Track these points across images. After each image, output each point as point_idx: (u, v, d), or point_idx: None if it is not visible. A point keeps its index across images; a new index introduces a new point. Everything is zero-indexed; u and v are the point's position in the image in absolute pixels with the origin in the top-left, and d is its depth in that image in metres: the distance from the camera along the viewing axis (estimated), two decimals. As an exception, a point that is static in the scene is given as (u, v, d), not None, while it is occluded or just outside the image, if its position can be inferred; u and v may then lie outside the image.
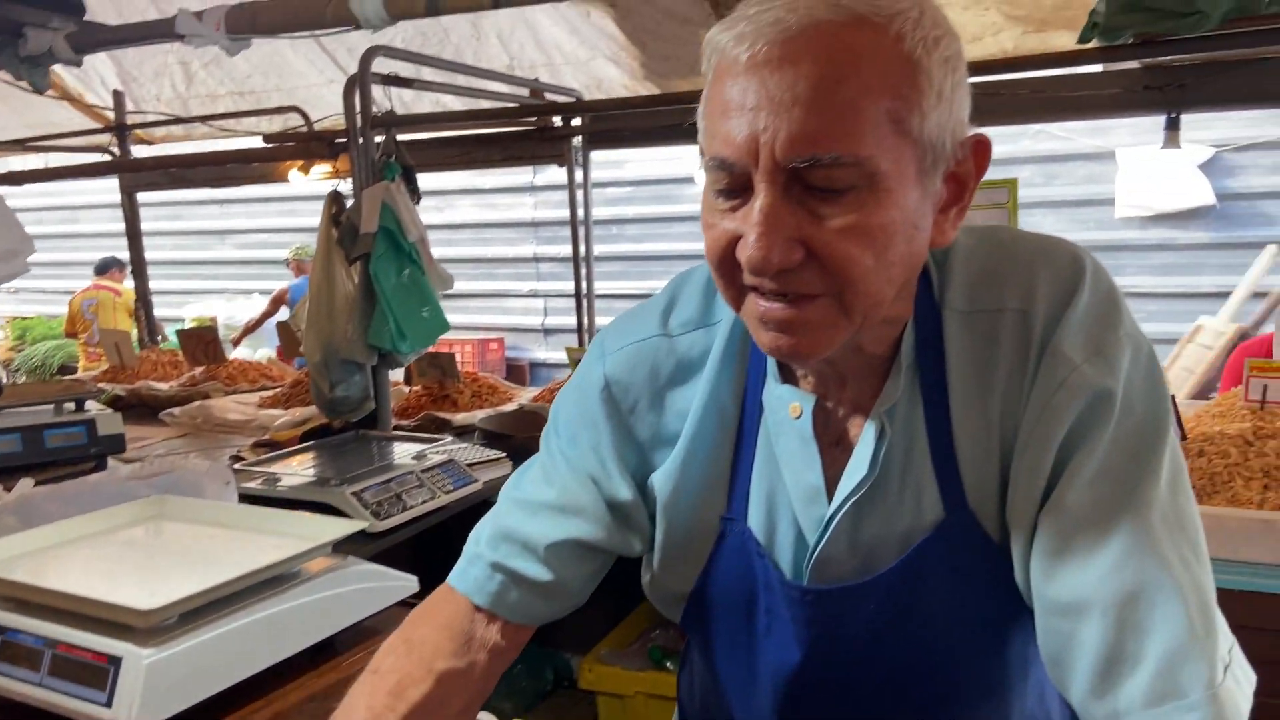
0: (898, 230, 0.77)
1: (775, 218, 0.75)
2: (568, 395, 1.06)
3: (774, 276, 0.77)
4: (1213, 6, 1.89)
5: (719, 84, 0.78)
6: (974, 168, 0.83)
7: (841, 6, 0.74)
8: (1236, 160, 5.88)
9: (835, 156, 0.73)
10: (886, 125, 0.74)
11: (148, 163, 4.31)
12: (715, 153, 0.78)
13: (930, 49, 0.76)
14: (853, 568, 0.92)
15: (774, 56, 0.73)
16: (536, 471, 1.06)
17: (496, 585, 1.00)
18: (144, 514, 1.56)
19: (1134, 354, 0.85)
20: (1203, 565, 0.82)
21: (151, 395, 3.80)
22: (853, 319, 0.80)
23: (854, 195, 0.75)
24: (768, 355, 0.91)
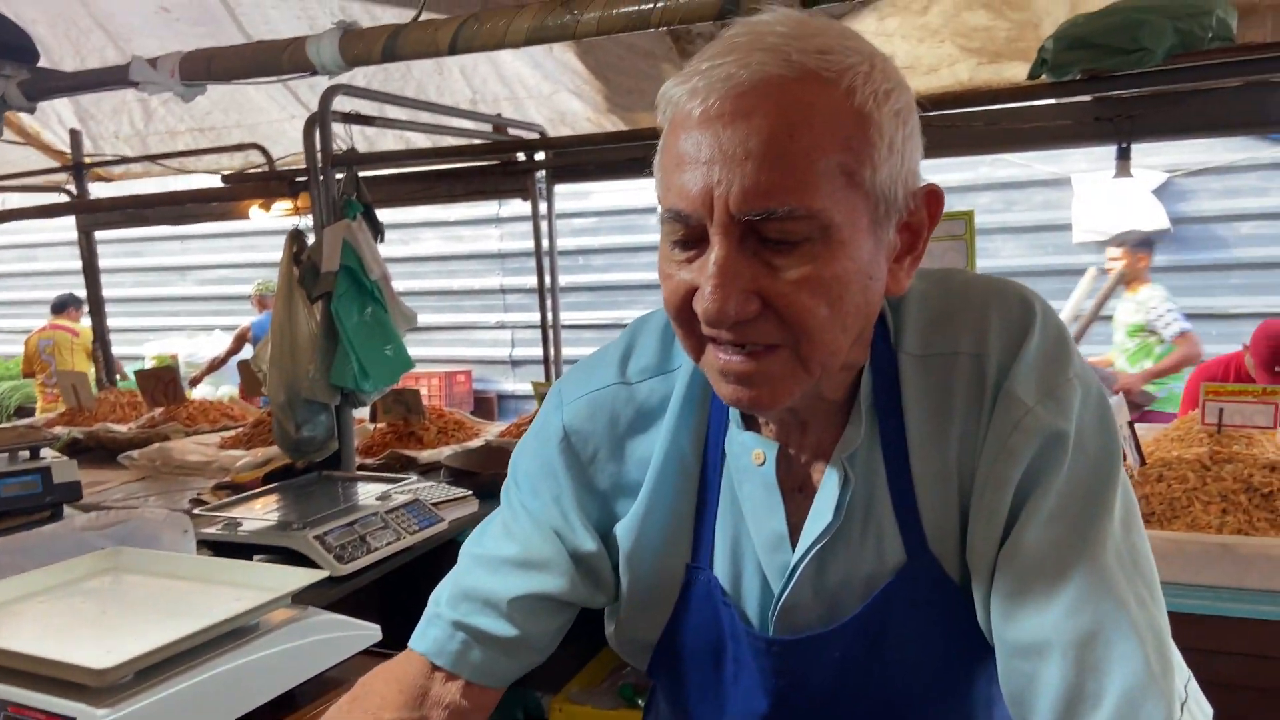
0: (852, 281, 0.78)
1: (730, 270, 0.76)
2: (527, 446, 1.05)
3: (730, 327, 0.78)
4: (1157, 43, 1.94)
5: (673, 136, 0.79)
6: (927, 217, 0.84)
7: (793, 62, 0.75)
8: (1188, 185, 6.01)
9: (789, 209, 0.74)
10: (839, 178, 0.75)
11: (104, 203, 4.26)
12: (670, 205, 0.79)
13: (881, 102, 0.77)
14: (818, 615, 0.92)
15: (726, 111, 0.74)
16: (498, 527, 1.04)
17: (457, 645, 0.98)
18: (99, 567, 1.52)
19: (1084, 394, 0.86)
20: (1157, 603, 0.84)
21: (110, 437, 3.73)
22: (811, 370, 0.81)
23: (808, 247, 0.76)
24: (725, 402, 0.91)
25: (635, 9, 1.69)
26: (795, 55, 0.75)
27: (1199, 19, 1.96)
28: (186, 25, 4.13)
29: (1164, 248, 6.09)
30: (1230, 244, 5.99)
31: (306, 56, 2.09)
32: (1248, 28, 2.12)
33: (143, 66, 2.18)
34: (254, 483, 2.79)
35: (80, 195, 4.60)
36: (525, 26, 1.76)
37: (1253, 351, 3.65)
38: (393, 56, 2.05)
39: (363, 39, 2.09)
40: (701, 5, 1.63)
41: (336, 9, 3.75)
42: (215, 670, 1.22)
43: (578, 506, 0.99)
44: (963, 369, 0.87)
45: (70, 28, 4.34)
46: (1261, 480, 2.03)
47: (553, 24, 1.75)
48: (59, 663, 1.15)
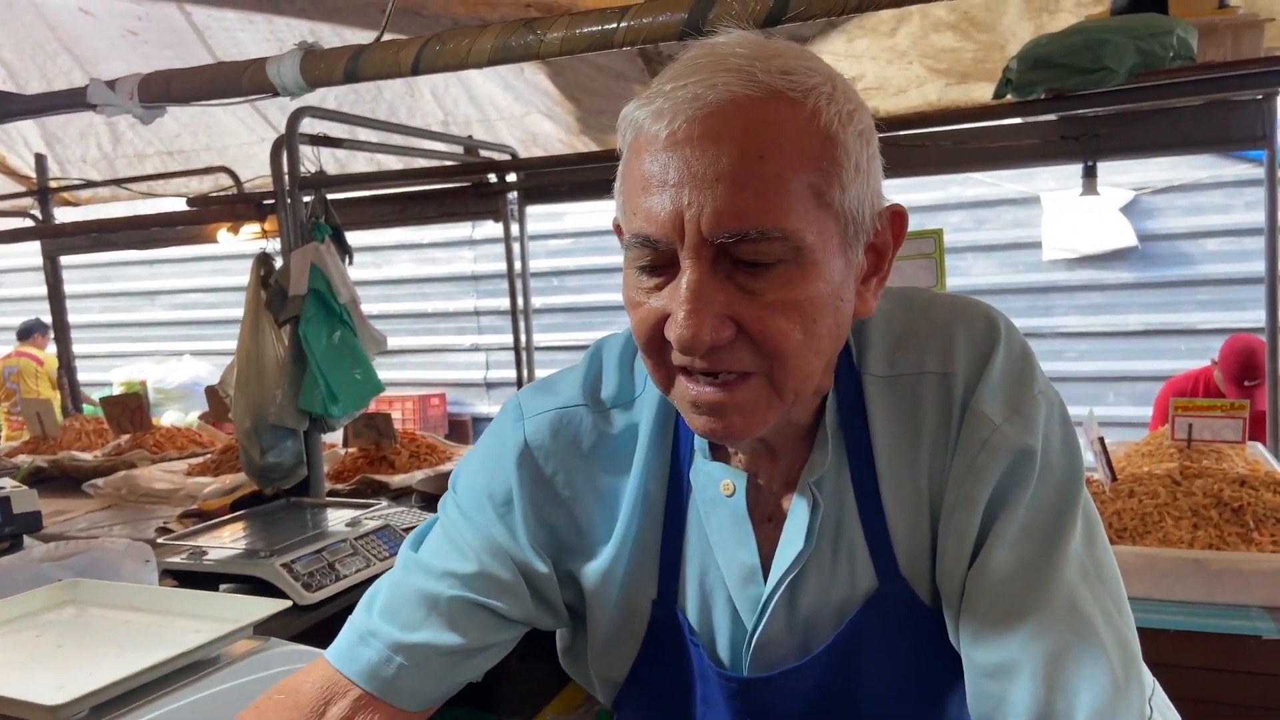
0: (825, 303, 0.77)
1: (703, 294, 0.74)
2: (476, 459, 1.00)
3: (704, 355, 0.76)
4: (1119, 62, 1.97)
5: (637, 160, 0.77)
6: (891, 238, 0.84)
7: (758, 82, 0.73)
8: (1155, 203, 6.09)
9: (763, 230, 0.72)
10: (810, 198, 0.74)
11: (69, 228, 4.21)
12: (637, 230, 0.76)
13: (845, 123, 0.76)
14: (792, 647, 0.90)
15: (694, 133, 0.73)
16: (439, 540, 0.98)
17: (393, 670, 0.91)
18: (56, 600, 1.49)
19: (1048, 410, 0.86)
20: (1124, 616, 0.83)
21: (75, 466, 3.66)
22: (784, 397, 0.79)
23: (782, 269, 0.75)
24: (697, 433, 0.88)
25: (599, 29, 1.68)
26: (761, 75, 0.74)
27: (1160, 39, 1.99)
28: (154, 48, 4.10)
29: (1132, 265, 6.17)
30: (1196, 260, 6.07)
31: (267, 77, 2.07)
32: (1208, 47, 2.16)
33: (101, 89, 2.16)
34: (221, 510, 2.74)
35: (45, 220, 4.55)
36: (488, 47, 1.75)
37: (1221, 367, 3.69)
38: (355, 77, 2.03)
39: (324, 60, 2.07)
40: (665, 25, 1.63)
41: (306, 31, 3.74)
42: (173, 705, 1.19)
43: (526, 524, 0.95)
44: (930, 388, 0.87)
45: (37, 51, 4.30)
46: (1231, 495, 2.04)
47: (516, 44, 1.74)
48: (10, 699, 1.11)
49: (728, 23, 1.52)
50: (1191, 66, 2.06)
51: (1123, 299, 6.22)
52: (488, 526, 0.95)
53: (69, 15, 4.03)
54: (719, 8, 1.55)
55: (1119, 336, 6.21)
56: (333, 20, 3.63)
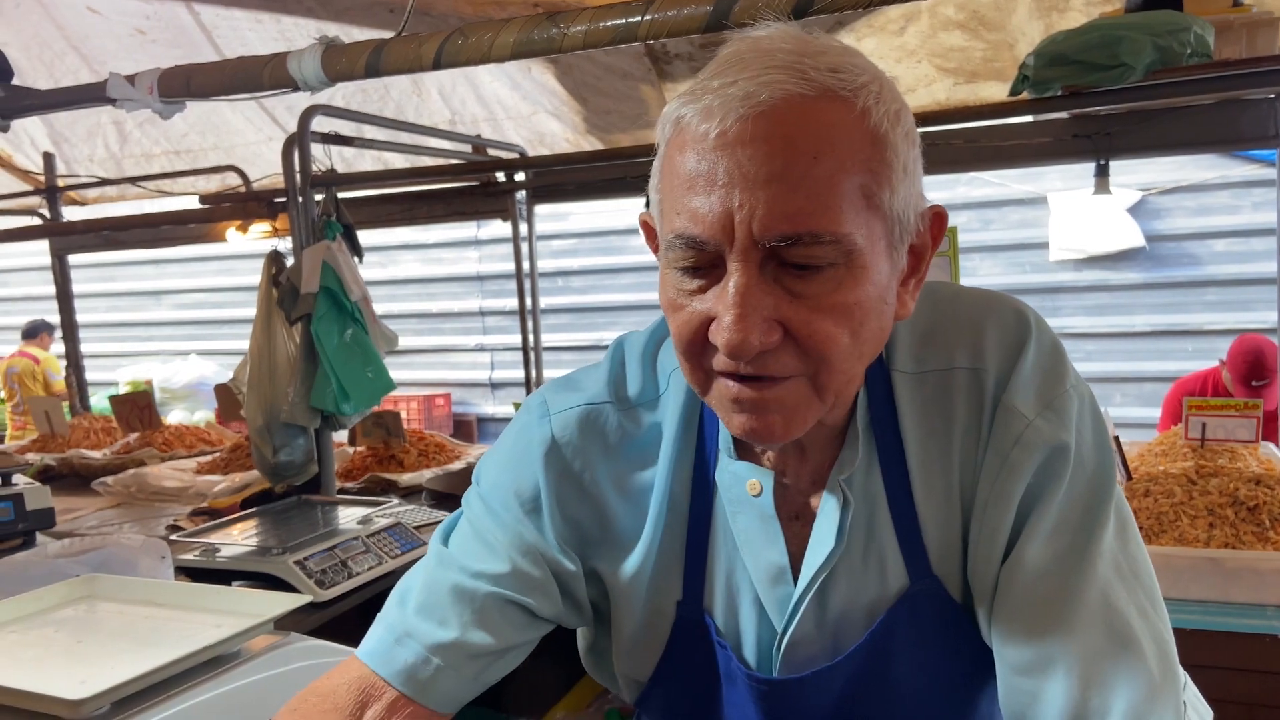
0: (872, 306, 0.76)
1: (752, 298, 0.72)
2: (500, 454, 0.98)
3: (751, 359, 0.74)
4: (1136, 59, 1.96)
5: (680, 158, 0.74)
6: (930, 239, 0.82)
7: (810, 80, 0.72)
8: (1162, 203, 6.08)
9: (815, 234, 0.71)
10: (860, 200, 0.73)
11: (79, 226, 4.20)
12: (682, 230, 0.74)
13: (894, 124, 0.75)
14: (822, 647, 0.89)
15: (746, 132, 0.70)
16: (469, 538, 0.96)
17: (431, 671, 0.90)
18: (73, 595, 1.48)
19: (1080, 405, 0.85)
20: (1159, 612, 0.83)
21: (84, 464, 3.67)
22: (825, 399, 0.78)
23: (831, 273, 0.73)
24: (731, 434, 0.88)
25: (622, 22, 1.67)
26: (811, 73, 0.72)
27: (1177, 35, 1.98)
28: (163, 48, 4.11)
29: (1139, 265, 6.16)
30: (1204, 261, 6.06)
31: (288, 72, 2.06)
32: (1223, 45, 2.15)
33: (120, 83, 2.15)
34: (231, 508, 2.74)
35: (54, 219, 4.55)
36: (511, 40, 1.74)
37: (1230, 367, 3.68)
38: (376, 72, 2.02)
39: (345, 54, 2.06)
40: (689, 19, 1.61)
41: (314, 30, 3.74)
42: (195, 700, 1.18)
43: (554, 522, 0.94)
44: (960, 384, 0.86)
45: (44, 50, 4.30)
46: (1247, 494, 2.03)
47: (539, 37, 1.73)
48: (31, 694, 1.11)
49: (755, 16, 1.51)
50: (1208, 64, 2.05)
51: (1130, 300, 6.21)
52: (516, 524, 0.94)
53: (76, 14, 4.03)
54: (745, 1, 1.54)
55: (1126, 337, 6.20)
56: (341, 20, 3.63)
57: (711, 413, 0.91)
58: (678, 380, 0.93)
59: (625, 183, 3.27)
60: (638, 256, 7.40)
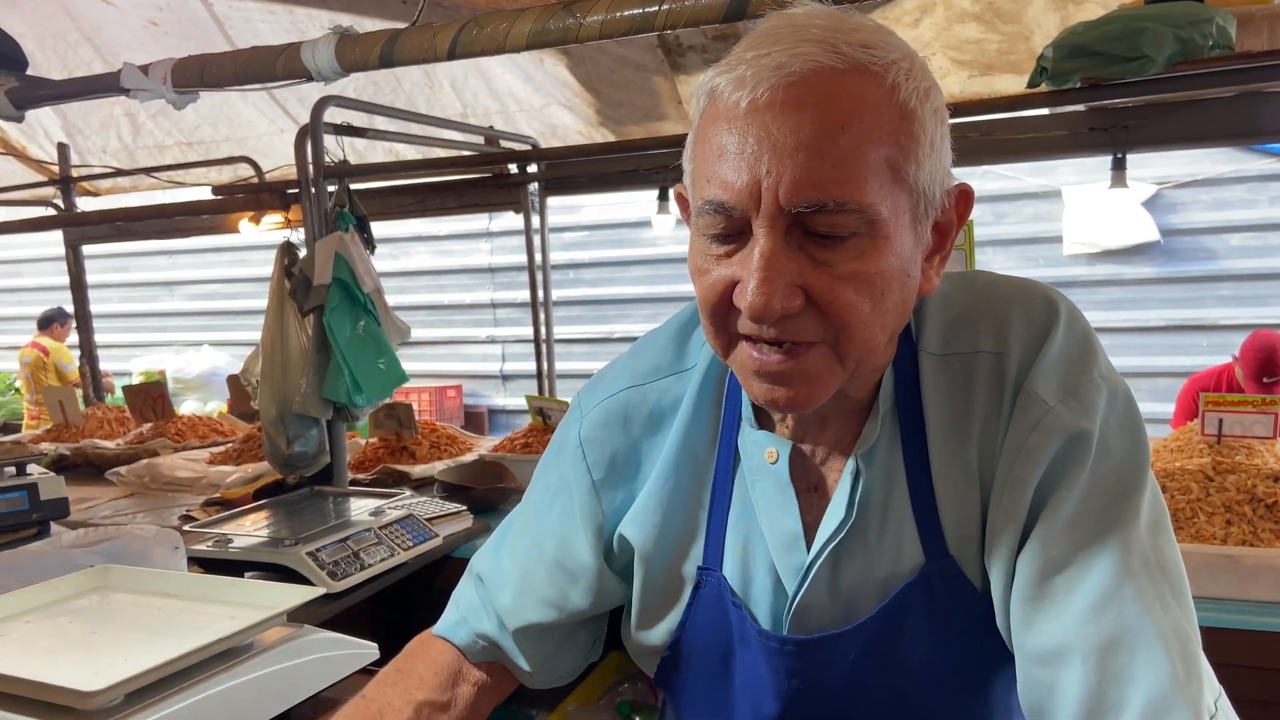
0: (894, 277, 0.77)
1: (776, 263, 0.74)
2: (548, 460, 1.06)
3: (773, 323, 0.76)
4: (1158, 51, 1.93)
5: (713, 127, 0.77)
6: (956, 217, 0.84)
7: (841, 54, 0.74)
8: (1178, 197, 6.04)
9: (840, 202, 0.73)
10: (886, 173, 0.75)
11: (93, 216, 4.21)
12: (711, 196, 0.77)
13: (923, 100, 0.77)
14: (833, 616, 0.90)
15: (777, 101, 0.73)
16: (515, 542, 1.06)
17: (479, 648, 1.04)
18: (87, 585, 1.49)
19: (1110, 396, 0.84)
20: (1185, 610, 0.81)
21: (97, 454, 3.68)
22: (846, 366, 0.80)
23: (854, 242, 0.75)
24: (751, 402, 0.92)
25: (639, 11, 1.66)
26: (844, 47, 0.74)
27: (1199, 27, 1.95)
28: (176, 39, 4.11)
29: (1153, 259, 6.12)
30: (1219, 256, 6.01)
31: (302, 63, 2.05)
32: (1245, 36, 2.12)
33: (134, 73, 2.15)
34: (244, 499, 2.75)
35: (67, 209, 4.56)
36: (526, 30, 1.72)
37: (1241, 363, 3.66)
38: (390, 62, 2.01)
39: (360, 44, 2.05)
40: (707, 7, 1.60)
41: (326, 21, 3.74)
42: (209, 691, 1.18)
43: (590, 521, 1.00)
44: (983, 368, 0.86)
45: (58, 42, 4.31)
46: (1265, 491, 2.02)
47: (555, 27, 1.72)
48: (46, 685, 1.11)
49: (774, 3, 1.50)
50: (1230, 56, 2.03)
51: (1144, 294, 6.18)
52: (553, 528, 1.02)
53: (90, 6, 4.04)
54: (764, -13, 1.54)
55: (1140, 332, 6.16)
56: (353, 11, 3.63)
57: (736, 383, 0.94)
58: (709, 351, 0.96)
59: (638, 175, 3.26)
60: (649, 249, 7.39)
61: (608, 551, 1.00)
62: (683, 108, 3.85)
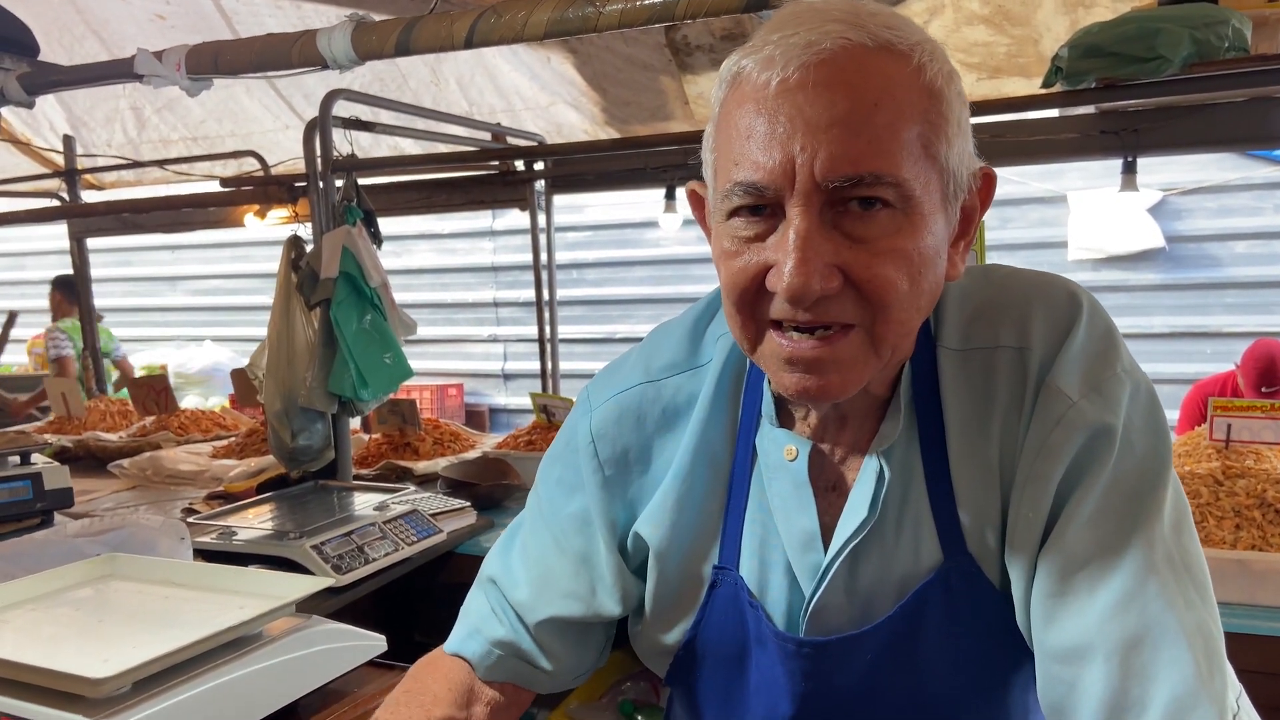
0: (930, 257, 0.77)
1: (813, 243, 0.73)
2: (555, 455, 1.04)
3: (809, 306, 0.75)
4: (1174, 52, 1.93)
5: (740, 110, 0.76)
6: (979, 202, 0.83)
7: (869, 32, 0.74)
8: (1183, 204, 6.03)
9: (877, 175, 0.72)
10: (918, 149, 0.74)
11: (98, 207, 4.20)
12: (742, 178, 0.75)
13: (948, 81, 0.77)
14: (850, 616, 0.89)
15: (809, 79, 0.72)
16: (527, 540, 1.05)
17: (494, 660, 1.02)
18: (94, 574, 1.48)
19: (1133, 391, 0.83)
20: (1209, 608, 0.80)
21: (100, 446, 3.67)
22: (881, 353, 0.79)
23: (889, 218, 0.74)
24: (773, 399, 0.90)
25: (659, 0, 1.65)
26: (870, 26, 0.74)
27: (1215, 29, 1.95)
28: (182, 33, 4.10)
29: (1159, 266, 6.11)
30: (1224, 263, 6.00)
31: (317, 50, 2.04)
32: (1260, 39, 2.12)
33: (148, 59, 2.13)
34: (247, 492, 2.74)
35: (72, 201, 4.55)
36: (545, 19, 1.71)
37: (1242, 372, 3.66)
38: (406, 50, 2.00)
39: (376, 32, 2.04)
40: (730, -3, 1.59)
41: (334, 16, 3.73)
42: (216, 681, 1.17)
43: (605, 517, 0.98)
44: (1004, 363, 0.85)
45: (64, 34, 4.31)
46: (1275, 495, 2.01)
47: (574, 16, 1.70)
48: (54, 672, 1.10)
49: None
50: (1245, 58, 2.02)
51: (1149, 300, 6.16)
52: (566, 525, 1.00)
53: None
54: (786, -21, 1.51)
55: (1145, 338, 6.15)
56: (362, 5, 3.62)
57: (756, 379, 0.93)
58: (724, 347, 0.95)
59: (645, 173, 3.25)
60: (653, 250, 7.38)
61: (622, 549, 0.99)
62: (689, 107, 3.84)
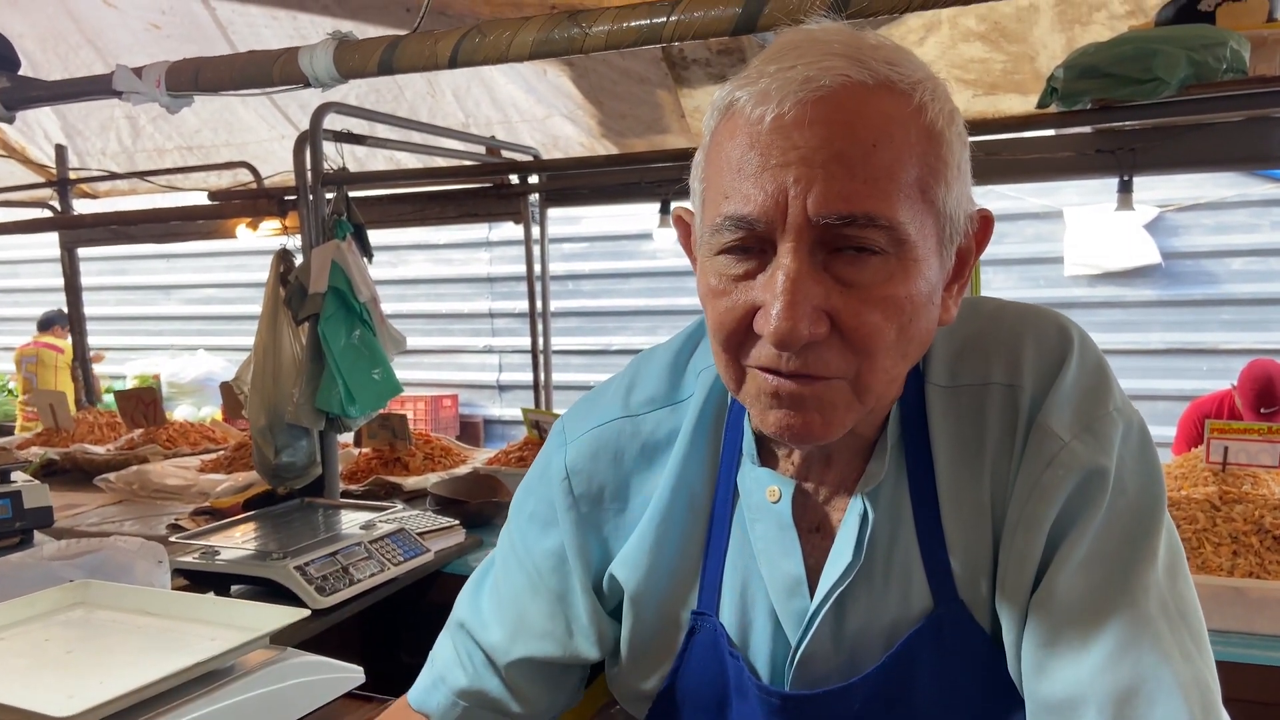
0: (921, 304, 0.74)
1: (803, 285, 0.70)
2: (529, 488, 1.00)
3: (796, 352, 0.72)
4: (1171, 73, 1.91)
5: (732, 141, 0.73)
6: (975, 244, 0.80)
7: (870, 69, 0.71)
8: (1180, 220, 6.02)
9: (871, 216, 0.69)
10: (916, 192, 0.71)
11: (89, 219, 4.18)
12: (731, 211, 0.72)
13: (949, 122, 0.74)
14: (837, 665, 0.86)
15: (806, 116, 0.70)
16: (491, 588, 1.02)
17: (458, 712, 0.99)
18: (67, 601, 1.44)
19: (1125, 430, 0.81)
20: (1205, 657, 0.78)
21: (87, 459, 3.63)
22: (865, 401, 0.76)
23: (882, 262, 0.71)
24: (754, 437, 0.87)
25: (647, 23, 1.62)
26: (871, 63, 0.71)
27: (1213, 50, 1.93)
28: (177, 42, 4.08)
29: (1155, 282, 6.10)
30: (1221, 279, 6.00)
31: (299, 68, 2.02)
32: (1257, 60, 2.10)
33: (127, 75, 2.11)
34: (234, 508, 2.70)
35: (64, 211, 4.52)
36: (530, 39, 1.69)
37: (1240, 392, 3.64)
38: (389, 69, 1.98)
39: (358, 50, 2.02)
40: (716, 20, 1.56)
41: (329, 28, 3.70)
42: (187, 717, 1.14)
43: (580, 556, 0.94)
44: (995, 400, 0.83)
45: (59, 43, 4.29)
46: (1273, 522, 1.98)
47: (560, 37, 1.68)
48: (16, 709, 1.06)
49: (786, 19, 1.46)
50: (1243, 80, 2.00)
51: (1145, 317, 6.15)
52: (540, 561, 0.97)
53: (92, 7, 4.02)
54: (774, 3, 1.49)
55: (1141, 355, 6.14)
56: (358, 18, 3.60)
57: (737, 416, 0.90)
58: (705, 382, 0.92)
59: (640, 187, 3.23)
60: (648, 262, 7.37)
61: (597, 590, 0.95)
62: (686, 121, 3.82)
